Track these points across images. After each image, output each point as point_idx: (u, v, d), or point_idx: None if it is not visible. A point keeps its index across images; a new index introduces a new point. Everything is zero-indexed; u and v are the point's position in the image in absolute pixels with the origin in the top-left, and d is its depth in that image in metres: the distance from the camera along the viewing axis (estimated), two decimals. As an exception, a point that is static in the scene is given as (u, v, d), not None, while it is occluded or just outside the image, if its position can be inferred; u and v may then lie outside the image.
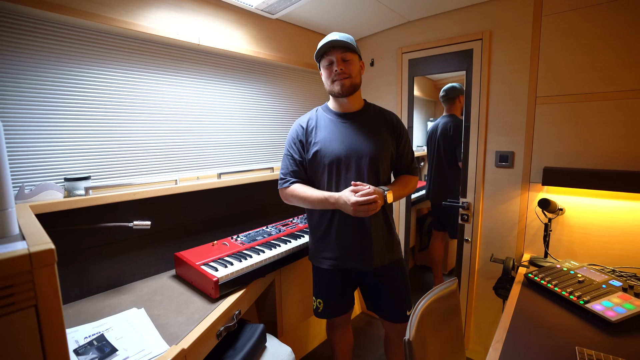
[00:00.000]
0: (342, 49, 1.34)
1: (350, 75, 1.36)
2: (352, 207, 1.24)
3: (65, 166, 1.32)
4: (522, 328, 1.12)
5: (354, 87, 1.39)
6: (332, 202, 1.32)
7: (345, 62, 1.35)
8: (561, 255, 1.70)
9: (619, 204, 1.54)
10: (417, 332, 1.01)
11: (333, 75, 1.36)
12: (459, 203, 2.05)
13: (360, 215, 1.25)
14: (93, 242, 1.38)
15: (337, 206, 1.31)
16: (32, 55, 1.20)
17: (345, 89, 1.36)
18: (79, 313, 1.22)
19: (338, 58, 1.34)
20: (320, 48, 1.35)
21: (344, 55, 1.35)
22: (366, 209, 1.23)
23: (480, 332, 2.06)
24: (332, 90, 1.40)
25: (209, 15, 1.65)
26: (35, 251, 0.60)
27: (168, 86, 1.60)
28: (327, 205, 1.34)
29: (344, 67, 1.35)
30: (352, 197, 1.24)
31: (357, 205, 1.23)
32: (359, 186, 1.27)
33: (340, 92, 1.37)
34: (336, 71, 1.35)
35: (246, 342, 1.33)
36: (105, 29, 1.34)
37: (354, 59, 1.37)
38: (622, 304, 1.15)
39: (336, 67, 1.34)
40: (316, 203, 1.37)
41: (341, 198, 1.28)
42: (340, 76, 1.35)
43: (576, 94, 1.59)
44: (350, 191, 1.27)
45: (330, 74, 1.37)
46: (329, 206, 1.34)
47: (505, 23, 1.77)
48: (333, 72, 1.36)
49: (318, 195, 1.36)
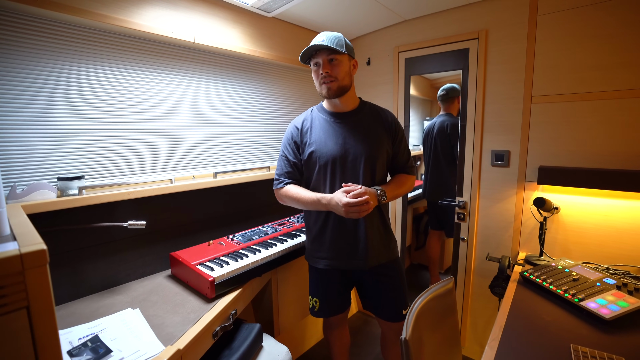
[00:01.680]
0: (328, 51, 1.31)
1: (336, 78, 1.33)
2: (343, 209, 1.23)
3: (59, 165, 1.30)
4: (518, 326, 1.12)
5: (341, 90, 1.36)
6: (325, 204, 1.31)
7: (331, 63, 1.32)
8: (556, 254, 1.71)
9: (613, 202, 1.55)
10: (413, 330, 1.02)
11: (320, 78, 1.35)
12: (455, 202, 2.06)
13: (352, 216, 1.24)
14: (87, 242, 1.36)
15: (329, 207, 1.31)
16: (24, 53, 1.19)
17: (332, 92, 1.35)
18: (72, 314, 1.21)
19: (324, 60, 1.32)
20: (304, 52, 1.33)
21: (331, 56, 1.32)
22: (357, 210, 1.22)
23: (477, 330, 2.07)
24: (320, 93, 1.39)
25: (204, 13, 1.64)
26: (27, 252, 0.59)
27: (163, 84, 1.59)
28: (319, 206, 1.34)
29: (329, 69, 1.32)
30: (344, 198, 1.23)
31: (348, 206, 1.22)
32: (350, 187, 1.26)
33: (327, 95, 1.37)
34: (322, 74, 1.33)
35: (243, 342, 1.33)
36: (99, 26, 1.33)
37: (342, 60, 1.33)
38: (616, 302, 1.16)
39: (321, 71, 1.33)
40: (309, 204, 1.36)
41: (333, 199, 1.28)
42: (326, 79, 1.33)
43: (572, 93, 1.60)
44: (342, 192, 1.26)
45: (318, 77, 1.36)
46: (322, 207, 1.34)
47: (501, 22, 1.78)
48: (319, 76, 1.34)
49: (311, 196, 1.35)
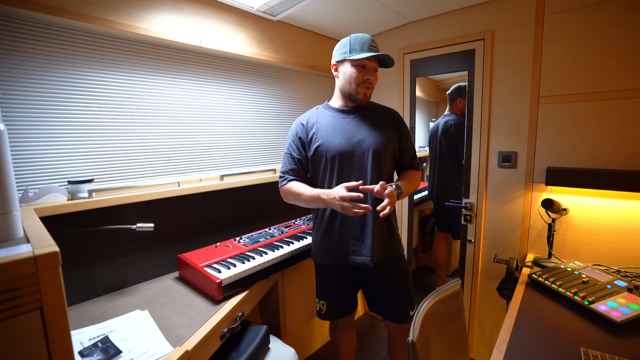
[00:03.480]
0: (377, 59, 1.37)
1: (372, 87, 1.40)
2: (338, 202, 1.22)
3: (69, 169, 1.32)
4: (526, 329, 1.11)
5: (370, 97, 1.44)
6: (324, 198, 1.29)
7: (375, 72, 1.38)
8: (565, 256, 1.69)
9: (623, 203, 1.53)
10: (420, 333, 1.01)
11: (364, 82, 1.37)
12: (462, 204, 2.04)
13: (347, 213, 1.22)
14: (97, 244, 1.38)
15: (328, 203, 1.29)
16: (36, 59, 1.21)
17: (367, 98, 1.41)
18: (83, 315, 1.23)
19: (373, 67, 1.37)
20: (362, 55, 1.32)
21: (376, 66, 1.38)
22: (351, 205, 1.20)
23: (484, 333, 2.05)
24: (353, 94, 1.39)
25: (210, 17, 1.66)
26: (40, 254, 0.60)
27: (170, 88, 1.61)
28: (319, 202, 1.32)
29: (374, 79, 1.38)
30: (341, 192, 1.22)
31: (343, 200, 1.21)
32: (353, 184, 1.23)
33: (362, 99, 1.39)
34: (367, 79, 1.36)
35: (250, 344, 1.33)
36: (108, 32, 1.35)
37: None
38: (628, 305, 1.14)
39: (368, 77, 1.36)
40: (309, 200, 1.36)
41: (331, 193, 1.26)
42: (368, 85, 1.38)
43: (579, 94, 1.59)
44: (341, 187, 1.24)
45: (359, 79, 1.36)
46: (321, 203, 1.32)
47: (507, 23, 1.77)
48: (364, 78, 1.36)
49: (311, 192, 1.35)
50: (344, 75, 1.39)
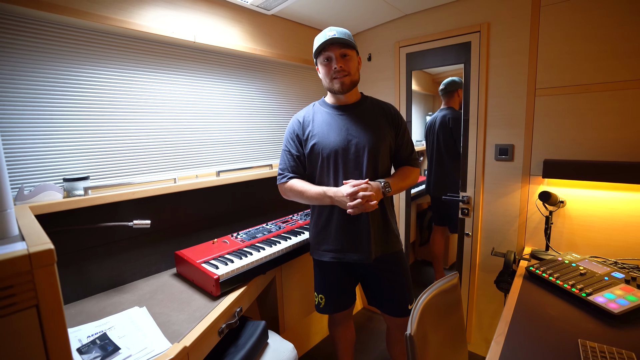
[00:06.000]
0: (341, 45, 1.32)
1: (349, 73, 1.34)
2: (347, 199, 1.24)
3: (64, 166, 1.31)
4: (524, 321, 1.12)
5: (353, 84, 1.38)
6: (330, 196, 1.31)
7: (344, 58, 1.33)
8: (562, 248, 1.70)
9: (620, 195, 1.53)
10: (418, 326, 1.02)
11: (332, 73, 1.34)
12: (459, 197, 2.05)
13: (356, 211, 1.24)
14: (93, 241, 1.38)
15: (334, 201, 1.31)
16: (28, 56, 1.20)
17: (346, 86, 1.35)
18: (81, 312, 1.22)
19: (337, 55, 1.32)
20: (319, 46, 1.33)
21: (343, 51, 1.32)
22: (360, 203, 1.22)
23: (482, 326, 2.06)
24: (331, 88, 1.39)
25: (204, 12, 1.64)
26: (35, 251, 0.60)
27: (165, 84, 1.59)
28: (325, 199, 1.34)
29: (343, 64, 1.33)
30: (348, 189, 1.25)
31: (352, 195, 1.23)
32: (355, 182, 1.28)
33: (340, 89, 1.36)
34: (335, 69, 1.32)
35: (248, 339, 1.34)
36: (100, 27, 1.33)
37: (352, 55, 1.35)
38: (625, 296, 1.15)
39: (335, 65, 1.32)
40: (314, 198, 1.37)
41: (339, 191, 1.28)
42: (339, 74, 1.33)
43: (576, 85, 1.58)
44: (348, 186, 1.27)
45: (329, 71, 1.35)
46: (327, 201, 1.34)
47: (503, 15, 1.76)
48: (332, 69, 1.33)
49: (316, 190, 1.36)
50: (320, 74, 1.41)
